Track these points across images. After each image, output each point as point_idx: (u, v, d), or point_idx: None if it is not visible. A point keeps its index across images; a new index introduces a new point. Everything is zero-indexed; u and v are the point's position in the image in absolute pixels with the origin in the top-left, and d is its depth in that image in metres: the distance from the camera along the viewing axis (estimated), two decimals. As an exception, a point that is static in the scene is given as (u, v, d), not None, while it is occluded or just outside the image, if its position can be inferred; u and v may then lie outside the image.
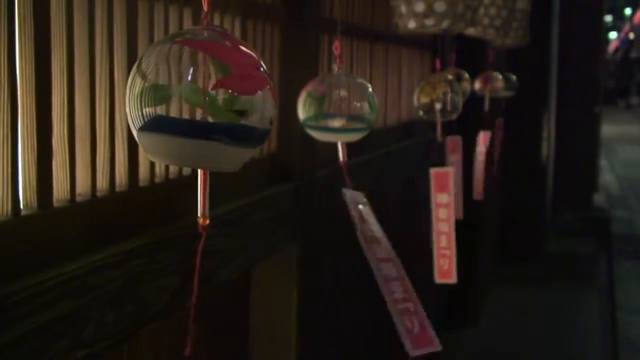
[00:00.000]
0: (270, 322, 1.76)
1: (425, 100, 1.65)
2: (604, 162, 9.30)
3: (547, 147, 5.96)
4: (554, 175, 6.64)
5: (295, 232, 1.74)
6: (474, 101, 2.44)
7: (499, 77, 2.72)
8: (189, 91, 0.65)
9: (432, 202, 1.51)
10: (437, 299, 3.70)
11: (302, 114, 1.13)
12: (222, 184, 1.42)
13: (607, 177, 8.83)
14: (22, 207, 0.97)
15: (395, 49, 2.74)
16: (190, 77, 0.66)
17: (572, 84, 6.74)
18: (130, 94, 0.67)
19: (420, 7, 1.40)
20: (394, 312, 1.23)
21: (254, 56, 0.70)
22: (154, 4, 1.24)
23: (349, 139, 1.16)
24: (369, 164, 2.34)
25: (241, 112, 0.67)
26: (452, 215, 1.49)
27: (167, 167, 1.31)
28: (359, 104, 1.13)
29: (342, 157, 1.22)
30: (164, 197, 1.29)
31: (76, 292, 0.99)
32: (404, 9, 1.42)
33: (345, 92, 1.12)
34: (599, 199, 7.54)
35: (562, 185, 6.78)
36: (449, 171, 1.51)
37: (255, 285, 1.74)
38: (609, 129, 10.26)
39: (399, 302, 1.22)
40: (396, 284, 1.24)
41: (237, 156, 0.68)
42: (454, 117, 1.72)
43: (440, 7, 1.39)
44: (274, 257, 1.70)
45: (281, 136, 1.74)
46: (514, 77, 2.93)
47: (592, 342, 4.21)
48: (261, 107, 0.68)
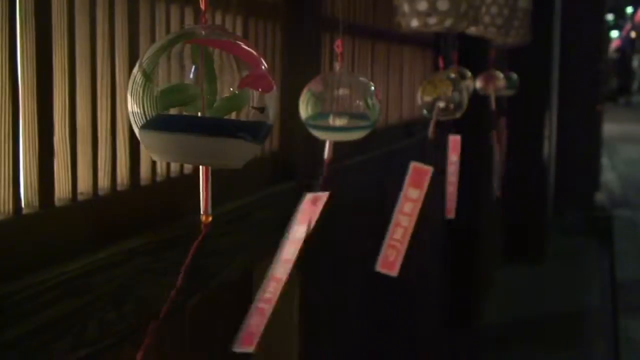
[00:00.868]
0: (272, 322, 1.75)
1: (428, 98, 1.65)
2: (605, 161, 9.29)
3: (549, 146, 5.96)
4: (555, 174, 6.64)
5: (297, 231, 1.73)
6: (475, 100, 2.43)
7: (501, 76, 2.71)
8: (209, 91, 0.65)
9: (401, 193, 1.50)
10: (438, 298, 3.69)
11: (303, 112, 1.13)
12: (224, 183, 1.42)
13: (608, 175, 8.83)
14: (23, 206, 0.97)
15: (397, 48, 2.74)
16: (211, 76, 0.66)
17: (573, 82, 6.73)
18: (134, 93, 0.66)
19: (422, 6, 1.39)
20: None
21: (256, 53, 0.70)
22: (155, 3, 1.24)
23: (351, 138, 1.15)
24: (370, 163, 2.34)
25: (261, 109, 0.68)
26: (416, 212, 1.48)
27: (168, 166, 1.31)
28: (360, 103, 1.12)
29: (328, 155, 1.21)
30: (165, 196, 1.28)
31: (78, 291, 0.99)
32: (406, 8, 1.42)
33: (346, 91, 1.12)
34: (600, 198, 7.54)
35: (563, 184, 6.77)
36: (429, 169, 1.50)
37: (257, 284, 1.73)
38: (610, 128, 10.25)
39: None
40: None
41: (246, 152, 0.68)
42: (458, 115, 1.72)
43: (442, 5, 1.38)
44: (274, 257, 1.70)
45: (283, 135, 1.74)
46: (515, 76, 2.93)
47: (593, 342, 4.21)
48: (273, 103, 0.69)
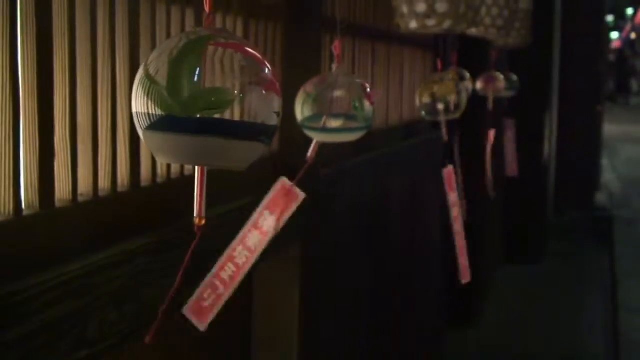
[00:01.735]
0: (273, 322, 1.76)
1: (427, 100, 1.65)
2: (605, 162, 9.29)
3: (549, 146, 5.96)
4: (555, 174, 6.64)
5: (297, 232, 1.74)
6: (475, 101, 2.44)
7: (501, 77, 2.71)
8: (234, 94, 0.66)
9: (448, 203, 1.52)
10: (439, 298, 3.69)
11: (299, 114, 1.13)
12: (224, 184, 1.42)
13: (609, 176, 8.82)
14: (24, 207, 0.98)
15: (397, 49, 2.74)
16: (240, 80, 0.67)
17: (574, 83, 6.74)
18: (141, 95, 0.66)
19: (421, 8, 1.40)
20: (207, 281, 1.20)
21: (262, 57, 0.71)
22: (156, 4, 1.25)
23: (346, 139, 1.16)
24: (370, 164, 2.34)
25: (277, 113, 0.70)
26: (460, 214, 1.49)
27: (168, 168, 1.31)
28: (356, 104, 1.12)
29: (312, 153, 1.21)
30: (166, 197, 1.29)
31: (78, 291, 0.99)
32: (405, 9, 1.42)
33: (342, 93, 1.12)
34: (600, 198, 7.53)
35: (564, 184, 6.77)
36: (451, 169, 1.51)
37: (257, 285, 1.74)
38: (610, 128, 10.25)
39: (218, 279, 1.24)
40: (232, 268, 1.23)
41: (250, 153, 0.69)
42: (457, 116, 1.72)
43: (441, 7, 1.39)
44: (276, 257, 1.70)
45: (282, 136, 1.74)
46: (515, 77, 2.93)
47: (593, 342, 4.21)
48: (281, 106, 0.71)
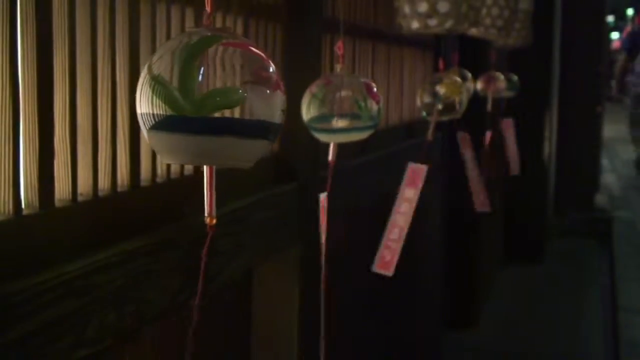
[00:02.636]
0: (273, 322, 1.76)
1: (428, 99, 1.65)
2: (606, 162, 9.29)
3: (549, 147, 5.96)
4: (555, 175, 6.64)
5: (298, 232, 1.73)
6: (476, 101, 2.44)
7: (501, 77, 2.71)
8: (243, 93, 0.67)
9: (399, 194, 1.53)
10: (438, 299, 3.69)
11: (305, 114, 1.13)
12: (225, 183, 1.42)
13: (609, 177, 8.82)
14: (23, 207, 0.97)
15: (397, 49, 2.74)
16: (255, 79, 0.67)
17: (574, 84, 6.73)
18: (148, 96, 0.66)
19: (423, 8, 1.40)
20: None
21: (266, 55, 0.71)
22: (156, 4, 1.24)
23: (352, 139, 1.16)
24: (370, 164, 2.34)
25: (283, 111, 0.72)
26: (412, 211, 1.50)
27: (168, 168, 1.31)
28: (361, 104, 1.12)
29: (332, 157, 1.22)
30: (166, 197, 1.28)
31: (78, 291, 0.99)
32: (407, 10, 1.42)
33: (348, 92, 1.12)
34: (600, 199, 7.53)
35: (563, 185, 6.77)
36: (424, 168, 1.51)
37: (258, 285, 1.74)
38: (611, 129, 10.25)
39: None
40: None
41: (256, 151, 0.69)
42: (458, 116, 1.72)
43: (443, 7, 1.39)
44: (277, 257, 1.70)
45: (284, 136, 1.73)
46: (515, 78, 2.93)
47: (593, 342, 4.21)
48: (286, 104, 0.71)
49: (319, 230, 1.24)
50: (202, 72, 0.66)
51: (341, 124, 1.11)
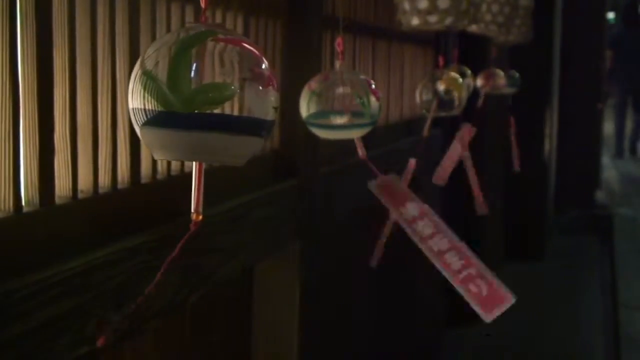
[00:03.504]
0: (272, 320, 1.76)
1: (428, 96, 1.65)
2: (606, 159, 9.28)
3: (549, 144, 5.95)
4: (556, 172, 6.63)
5: (298, 229, 1.73)
6: (476, 98, 2.43)
7: (501, 74, 2.71)
8: (234, 90, 0.66)
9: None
10: (439, 296, 3.69)
11: (304, 111, 1.13)
12: (225, 181, 1.42)
13: (609, 174, 8.81)
14: (23, 204, 0.97)
15: (397, 46, 2.74)
16: (241, 75, 0.67)
17: (574, 81, 6.73)
18: (139, 91, 0.66)
19: (423, 4, 1.39)
20: (457, 285, 1.17)
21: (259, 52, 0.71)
22: (156, 1, 1.24)
23: (352, 136, 1.16)
24: (371, 161, 2.34)
25: (275, 108, 0.70)
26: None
27: (168, 165, 1.31)
28: (360, 101, 1.12)
29: (361, 151, 1.22)
30: (166, 194, 1.28)
31: (78, 289, 0.99)
32: (407, 6, 1.42)
33: (347, 89, 1.12)
34: (601, 196, 7.53)
35: (564, 182, 6.76)
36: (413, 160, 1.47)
37: (257, 282, 1.74)
38: (611, 126, 10.25)
39: (459, 272, 1.17)
40: (451, 254, 1.19)
41: (248, 148, 0.69)
42: (457, 112, 1.72)
43: (443, 4, 1.38)
44: (276, 254, 1.70)
45: (283, 133, 1.73)
46: (516, 74, 2.92)
47: (594, 340, 4.21)
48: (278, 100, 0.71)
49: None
50: (194, 67, 0.66)
51: (339, 120, 1.11)
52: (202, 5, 0.71)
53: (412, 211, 1.25)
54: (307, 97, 1.12)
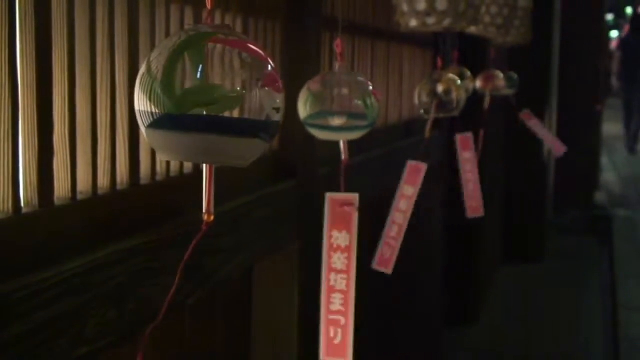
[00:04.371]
0: (272, 320, 1.76)
1: (426, 98, 1.65)
2: (605, 160, 9.29)
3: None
4: (554, 173, 6.64)
5: (297, 230, 1.73)
6: (476, 99, 2.43)
7: (500, 75, 2.71)
8: (229, 91, 0.66)
9: (397, 191, 1.47)
10: (438, 297, 3.69)
11: (302, 112, 1.13)
12: (224, 181, 1.42)
13: (608, 175, 8.82)
14: (22, 205, 0.97)
15: (396, 47, 2.74)
16: (236, 77, 0.67)
17: (573, 82, 6.73)
18: (151, 93, 0.66)
19: (421, 5, 1.40)
20: (323, 319, 1.22)
21: (265, 54, 0.71)
22: (155, 2, 1.24)
23: (349, 137, 1.16)
24: (370, 163, 2.34)
25: (277, 109, 0.70)
26: (410, 209, 1.45)
27: (167, 165, 1.31)
28: (359, 102, 1.12)
29: (344, 155, 1.21)
30: (165, 194, 1.29)
31: (77, 289, 0.99)
32: (405, 7, 1.42)
33: (345, 90, 1.12)
34: (600, 197, 7.53)
35: (563, 183, 6.77)
36: (423, 166, 1.49)
37: (257, 283, 1.74)
38: (610, 127, 10.26)
39: (332, 313, 1.22)
40: (339, 295, 1.22)
41: (258, 151, 0.69)
42: (455, 113, 1.72)
43: (441, 5, 1.39)
44: (276, 255, 1.70)
45: (283, 134, 1.74)
46: (515, 75, 2.92)
47: (593, 341, 4.21)
48: (283, 102, 0.71)
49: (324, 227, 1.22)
50: (193, 69, 0.66)
51: (338, 121, 1.11)
52: (208, 6, 0.72)
53: (340, 240, 1.26)
54: (305, 97, 1.12)
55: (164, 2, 1.27)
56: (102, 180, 1.14)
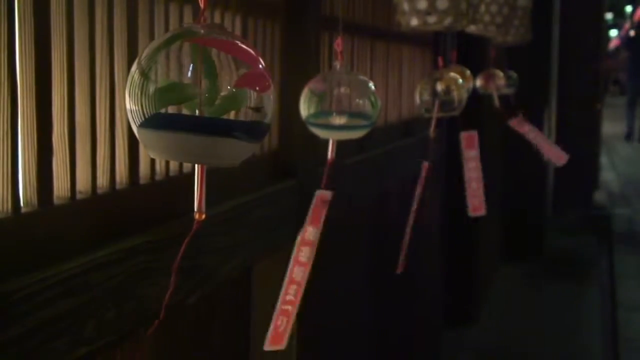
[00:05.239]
0: (271, 320, 1.75)
1: (426, 97, 1.65)
2: (604, 160, 9.29)
3: (548, 145, 5.94)
4: (554, 173, 6.64)
5: (297, 229, 1.73)
6: (475, 98, 2.43)
7: (501, 74, 2.71)
8: (205, 90, 0.66)
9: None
10: (438, 297, 3.69)
11: (304, 111, 1.13)
12: (224, 181, 1.42)
13: (607, 174, 8.82)
14: (22, 204, 0.97)
15: (396, 46, 2.74)
16: (211, 75, 0.66)
17: (573, 81, 6.73)
18: (132, 91, 0.66)
19: (422, 5, 1.39)
20: (277, 309, 1.22)
21: (255, 52, 0.70)
22: (154, 1, 1.24)
23: (350, 136, 1.15)
24: (369, 162, 2.34)
25: (258, 109, 0.68)
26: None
27: (167, 165, 1.31)
28: (360, 101, 1.12)
29: (331, 155, 1.21)
30: (165, 194, 1.28)
31: (77, 289, 0.99)
32: (406, 7, 1.42)
33: (346, 89, 1.12)
34: (599, 197, 7.53)
35: (562, 183, 6.77)
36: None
37: (256, 283, 1.74)
38: (610, 127, 10.28)
39: (285, 303, 1.22)
40: (294, 287, 1.23)
41: (242, 151, 0.69)
42: (457, 113, 1.72)
43: (442, 4, 1.38)
44: (275, 254, 1.70)
45: (283, 133, 1.73)
46: (515, 75, 2.92)
47: (592, 340, 4.21)
48: (270, 102, 0.69)
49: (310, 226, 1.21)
50: (191, 68, 0.66)
51: (339, 120, 1.11)
52: (201, 5, 0.71)
53: (312, 235, 1.24)
54: (306, 97, 1.12)
55: (163, 1, 1.27)
56: (102, 179, 1.14)
